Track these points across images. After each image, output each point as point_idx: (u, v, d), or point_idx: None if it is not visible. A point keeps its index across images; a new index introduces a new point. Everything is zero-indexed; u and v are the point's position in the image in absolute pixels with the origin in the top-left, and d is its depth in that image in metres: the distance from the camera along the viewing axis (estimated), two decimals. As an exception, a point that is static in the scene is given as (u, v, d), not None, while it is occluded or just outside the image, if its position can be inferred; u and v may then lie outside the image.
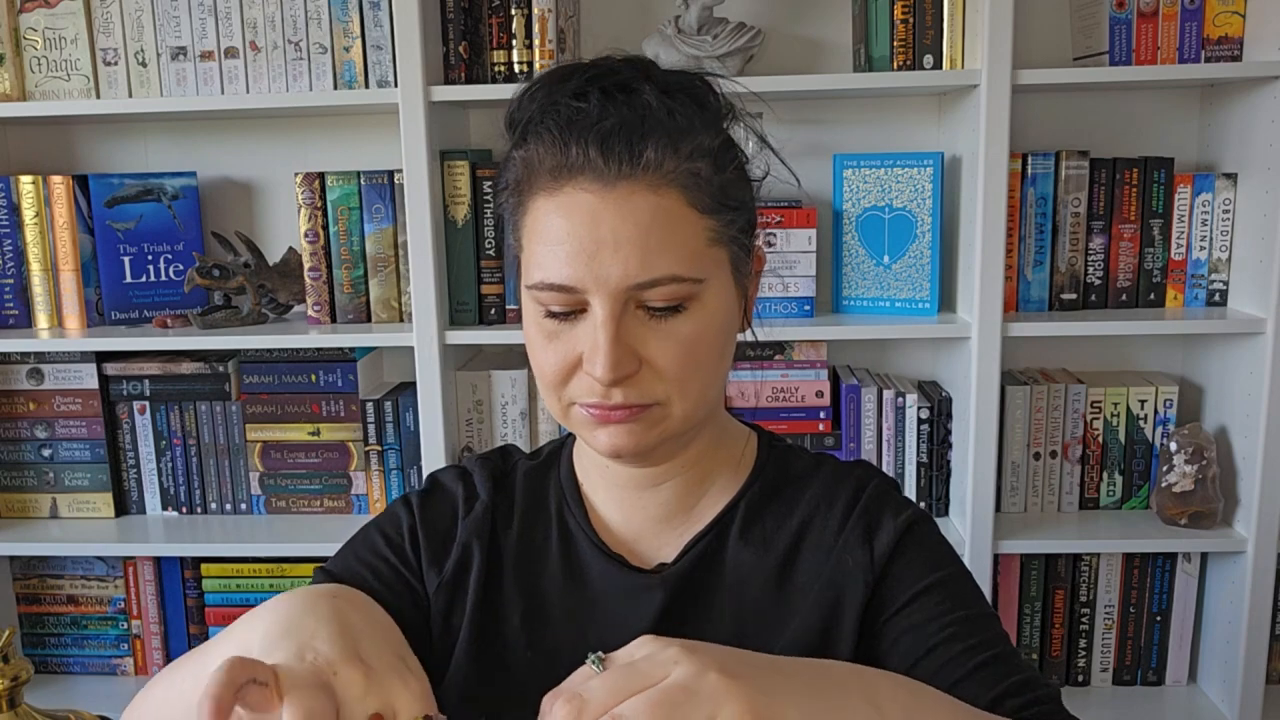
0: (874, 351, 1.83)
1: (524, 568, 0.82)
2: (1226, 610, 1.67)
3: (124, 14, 1.64)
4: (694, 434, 0.78)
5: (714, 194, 0.71)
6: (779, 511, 0.81)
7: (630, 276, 0.68)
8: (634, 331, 0.70)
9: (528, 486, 0.86)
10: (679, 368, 0.70)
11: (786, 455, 0.85)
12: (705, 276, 0.71)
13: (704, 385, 0.73)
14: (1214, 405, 1.71)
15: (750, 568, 0.79)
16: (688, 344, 0.71)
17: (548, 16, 1.57)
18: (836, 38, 1.74)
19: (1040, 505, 1.73)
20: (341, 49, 1.62)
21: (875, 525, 0.79)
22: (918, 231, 1.63)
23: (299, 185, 1.67)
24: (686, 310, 0.71)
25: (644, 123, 0.70)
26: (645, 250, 0.68)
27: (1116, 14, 1.55)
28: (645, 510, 0.81)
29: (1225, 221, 1.63)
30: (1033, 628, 1.74)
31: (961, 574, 0.80)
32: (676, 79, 0.74)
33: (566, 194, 0.70)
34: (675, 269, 0.69)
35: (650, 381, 0.71)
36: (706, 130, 0.73)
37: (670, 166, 0.69)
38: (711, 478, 0.82)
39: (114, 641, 1.87)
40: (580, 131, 0.69)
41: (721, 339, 0.74)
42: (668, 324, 0.70)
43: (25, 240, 1.70)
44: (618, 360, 0.69)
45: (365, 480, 1.76)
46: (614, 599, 0.79)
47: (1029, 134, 1.71)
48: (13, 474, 1.80)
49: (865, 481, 0.82)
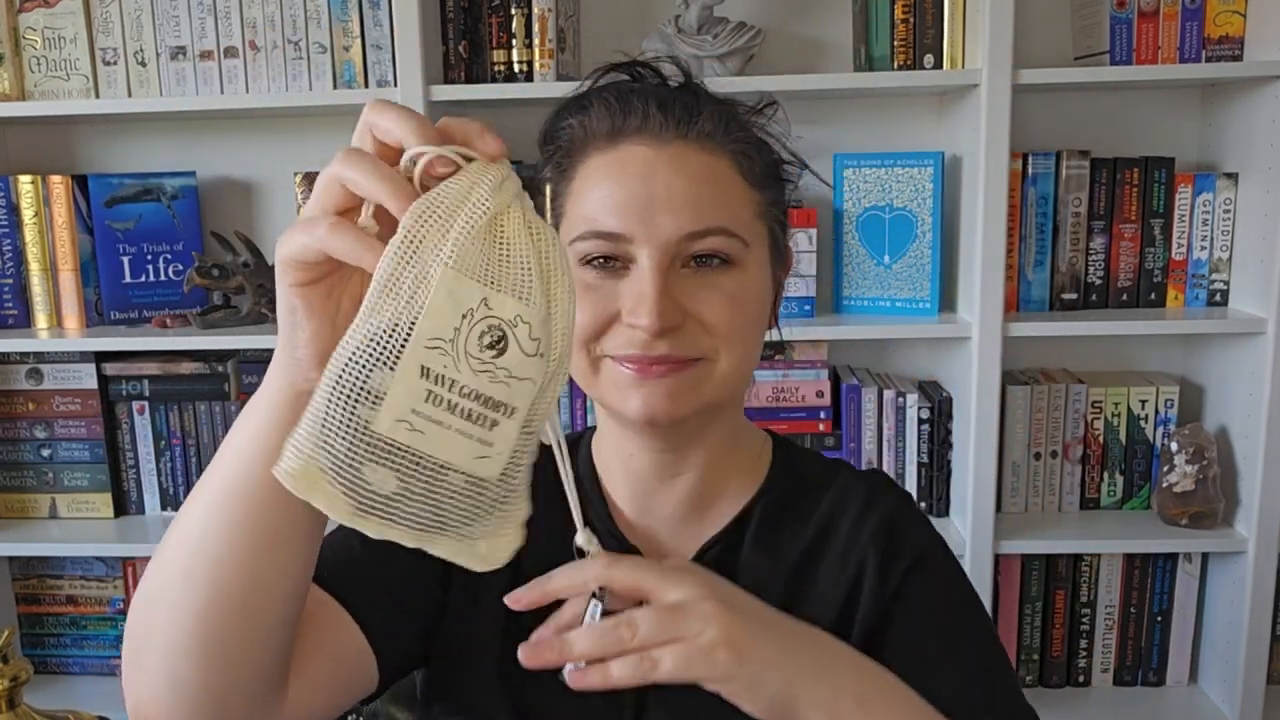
0: (874, 351, 1.82)
1: (542, 559, 0.80)
2: (1227, 610, 1.66)
3: (123, 14, 1.64)
4: (708, 422, 0.78)
5: (762, 169, 0.75)
6: (793, 519, 0.81)
7: (682, 227, 0.70)
8: (681, 285, 0.71)
9: (545, 477, 0.85)
10: (726, 320, 0.72)
11: (801, 460, 0.86)
12: (750, 242, 0.73)
13: (746, 349, 0.74)
14: (1215, 405, 1.71)
15: (763, 575, 0.79)
16: (733, 298, 0.72)
17: (548, 16, 1.57)
18: (837, 37, 1.74)
19: (1041, 505, 1.72)
20: (341, 48, 1.61)
21: (893, 550, 0.78)
22: (918, 231, 1.63)
23: (298, 185, 1.67)
24: (730, 271, 0.72)
25: (699, 98, 0.75)
26: (698, 202, 0.71)
27: (1117, 13, 1.55)
28: (663, 506, 0.81)
29: (1226, 221, 1.63)
30: (1033, 628, 1.74)
31: (970, 610, 0.80)
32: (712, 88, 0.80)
33: (621, 149, 0.73)
34: (726, 222, 0.71)
35: (695, 334, 0.72)
36: (741, 115, 0.77)
37: (722, 136, 0.74)
38: (727, 478, 0.82)
39: (113, 642, 1.87)
40: (640, 95, 0.74)
41: (760, 311, 0.75)
42: (713, 279, 0.72)
43: (24, 240, 1.70)
44: (664, 308, 0.69)
45: (365, 480, 1.75)
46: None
47: (1029, 134, 1.71)
48: (12, 474, 1.79)
49: (882, 497, 0.82)
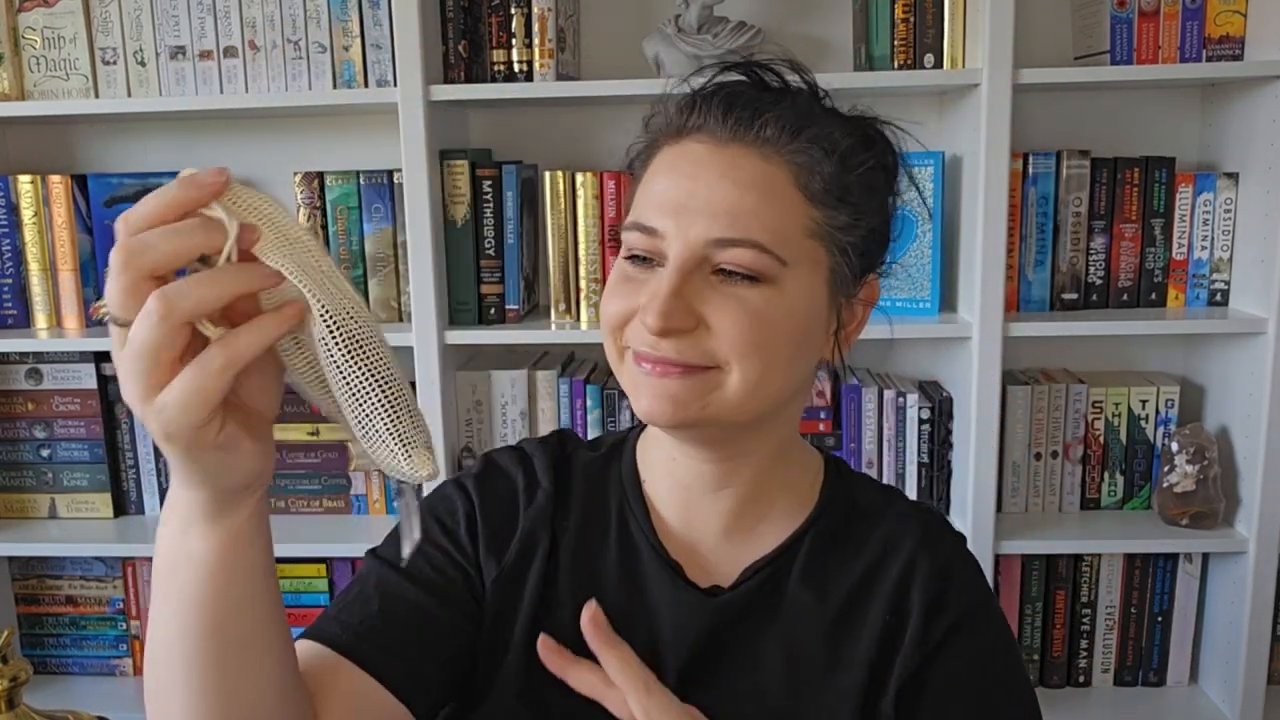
0: (874, 351, 1.82)
1: (581, 564, 0.80)
2: (1228, 611, 1.66)
3: (123, 13, 1.64)
4: (752, 437, 0.76)
5: (826, 186, 0.71)
6: (844, 552, 0.79)
7: (712, 231, 0.68)
8: (700, 291, 0.69)
9: (587, 479, 0.84)
10: (738, 333, 0.68)
11: (853, 487, 0.83)
12: (791, 261, 0.69)
13: (767, 369, 0.70)
14: (1215, 405, 1.71)
15: (808, 609, 0.77)
16: (752, 314, 0.68)
17: (548, 16, 1.57)
18: (837, 37, 1.74)
19: (1041, 505, 1.72)
20: (341, 48, 1.61)
21: (941, 601, 0.77)
22: (918, 231, 1.63)
23: (298, 185, 1.67)
24: (759, 287, 0.69)
25: (774, 99, 0.72)
26: (736, 211, 0.68)
27: (1117, 13, 1.55)
28: (705, 519, 0.79)
29: (1226, 221, 1.63)
30: (1034, 628, 1.74)
31: (1011, 677, 0.79)
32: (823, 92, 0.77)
33: (683, 145, 0.72)
34: (761, 237, 0.68)
35: (707, 341, 0.69)
36: (839, 128, 0.73)
37: (786, 144, 0.70)
38: (773, 498, 0.80)
39: (113, 642, 1.87)
40: (713, 92, 0.73)
41: (795, 334, 0.71)
42: (737, 291, 0.69)
43: (24, 240, 1.70)
44: (670, 309, 0.67)
45: (364, 481, 1.75)
46: (666, 609, 0.78)
47: (1030, 133, 1.71)
48: (11, 474, 1.79)
49: (938, 541, 0.80)
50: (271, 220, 0.52)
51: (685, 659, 0.77)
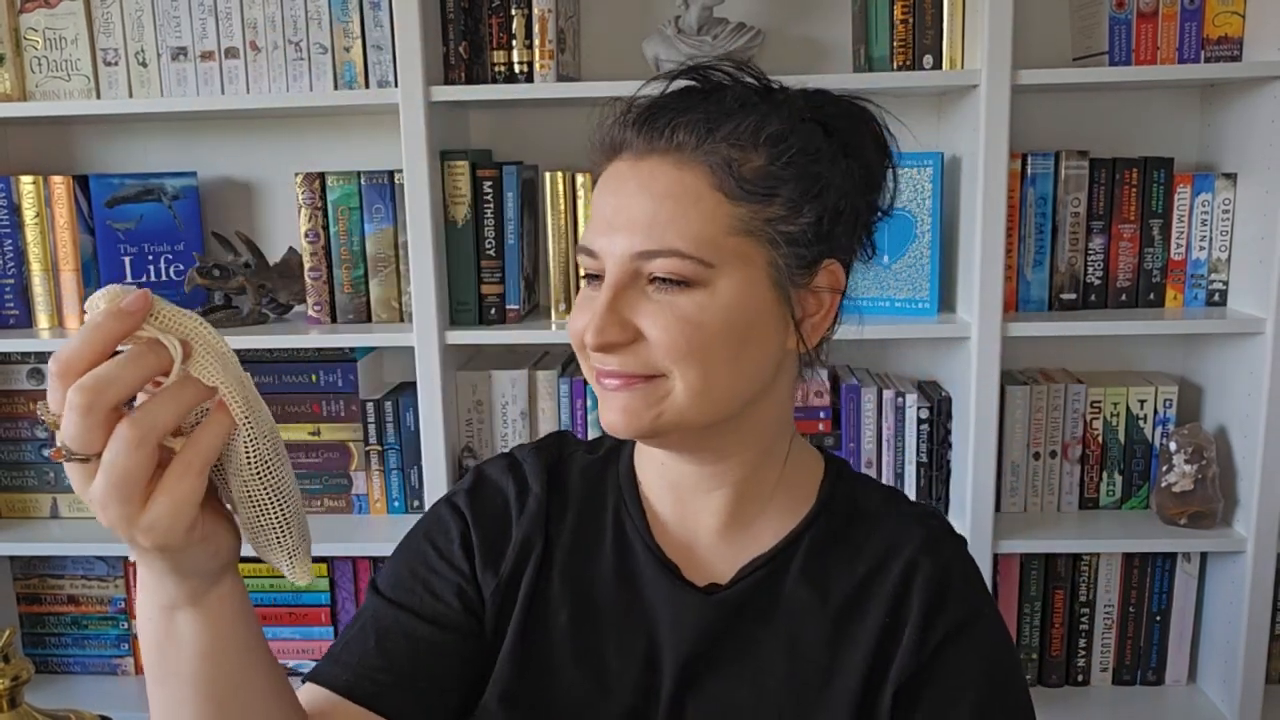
0: (874, 351, 1.83)
1: (576, 566, 0.80)
2: (1226, 610, 1.67)
3: (124, 14, 1.64)
4: (730, 437, 0.76)
5: (749, 181, 0.70)
6: (844, 552, 0.79)
7: (634, 245, 0.70)
8: (635, 303, 0.70)
9: (584, 481, 0.84)
10: (669, 339, 0.69)
11: (855, 488, 0.83)
12: (716, 262, 0.69)
13: (707, 371, 0.70)
14: (1214, 405, 1.71)
15: (806, 608, 0.78)
16: (685, 321, 0.69)
17: (548, 16, 1.57)
18: (836, 38, 1.74)
19: (1040, 505, 1.73)
20: (341, 49, 1.62)
21: (940, 606, 0.77)
22: (917, 231, 1.63)
23: (299, 185, 1.67)
24: (690, 292, 0.70)
25: (691, 104, 0.72)
26: (653, 222, 0.69)
27: (1116, 14, 1.55)
28: (700, 518, 0.80)
29: (1225, 221, 1.63)
30: (1032, 627, 1.74)
31: (1009, 687, 0.78)
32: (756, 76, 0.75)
33: (612, 165, 0.75)
34: (678, 244, 0.69)
35: (647, 352, 0.70)
36: (774, 117, 0.71)
37: (702, 146, 0.70)
38: (769, 496, 0.80)
39: (114, 641, 1.87)
40: (632, 111, 0.74)
41: (733, 334, 0.71)
42: (670, 299, 0.70)
43: (26, 240, 1.70)
44: (603, 325, 0.70)
45: (365, 480, 1.76)
46: (664, 608, 0.78)
47: (1029, 134, 1.71)
48: (13, 474, 1.80)
49: (940, 545, 0.80)
50: (197, 334, 0.56)
51: (684, 657, 0.77)
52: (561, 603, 0.79)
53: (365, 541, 1.68)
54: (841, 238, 0.75)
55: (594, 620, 0.79)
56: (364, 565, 1.78)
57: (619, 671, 0.77)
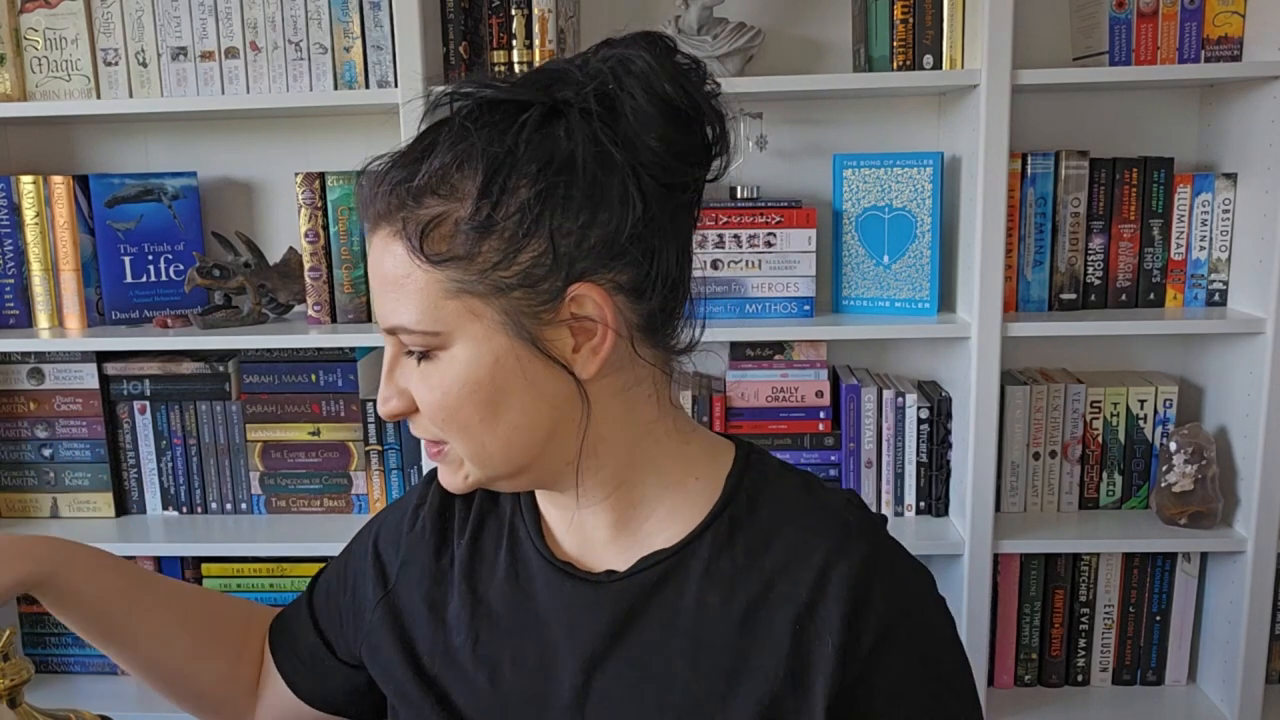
0: (874, 351, 1.83)
1: (472, 575, 0.80)
2: (1226, 610, 1.67)
3: (124, 14, 1.65)
4: (569, 472, 0.73)
5: (439, 246, 0.65)
6: (750, 551, 0.73)
7: (383, 320, 0.70)
8: (408, 374, 0.71)
9: (486, 493, 0.83)
10: (432, 413, 0.70)
11: (765, 480, 0.76)
12: (445, 329, 0.67)
13: (469, 434, 0.70)
14: (1214, 405, 1.71)
15: (709, 608, 0.72)
16: (438, 391, 0.69)
17: (548, 16, 1.57)
18: (836, 38, 1.74)
19: (1040, 505, 1.73)
20: (342, 49, 1.62)
21: (861, 605, 0.69)
22: (917, 231, 1.63)
23: (299, 185, 1.67)
24: (433, 361, 0.69)
25: (395, 164, 0.68)
26: (383, 300, 0.69)
27: (1116, 14, 1.55)
28: (591, 528, 0.77)
29: (1225, 221, 1.63)
30: (1032, 627, 1.74)
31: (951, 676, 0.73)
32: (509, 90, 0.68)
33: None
34: (403, 320, 0.68)
35: (423, 421, 0.72)
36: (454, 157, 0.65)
37: (396, 214, 0.67)
38: (658, 499, 0.75)
39: (114, 641, 1.87)
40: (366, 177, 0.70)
41: (481, 393, 0.68)
42: (422, 370, 0.70)
43: (26, 240, 1.71)
44: (386, 396, 0.71)
45: (365, 480, 1.76)
46: (559, 610, 0.76)
47: (1029, 134, 1.71)
48: (13, 474, 1.80)
49: (853, 535, 0.72)
50: None
51: (586, 651, 0.74)
52: (461, 613, 0.79)
53: (365, 541, 1.68)
54: (586, 259, 0.66)
55: (492, 627, 0.78)
56: (364, 565, 1.78)
57: (516, 681, 0.76)
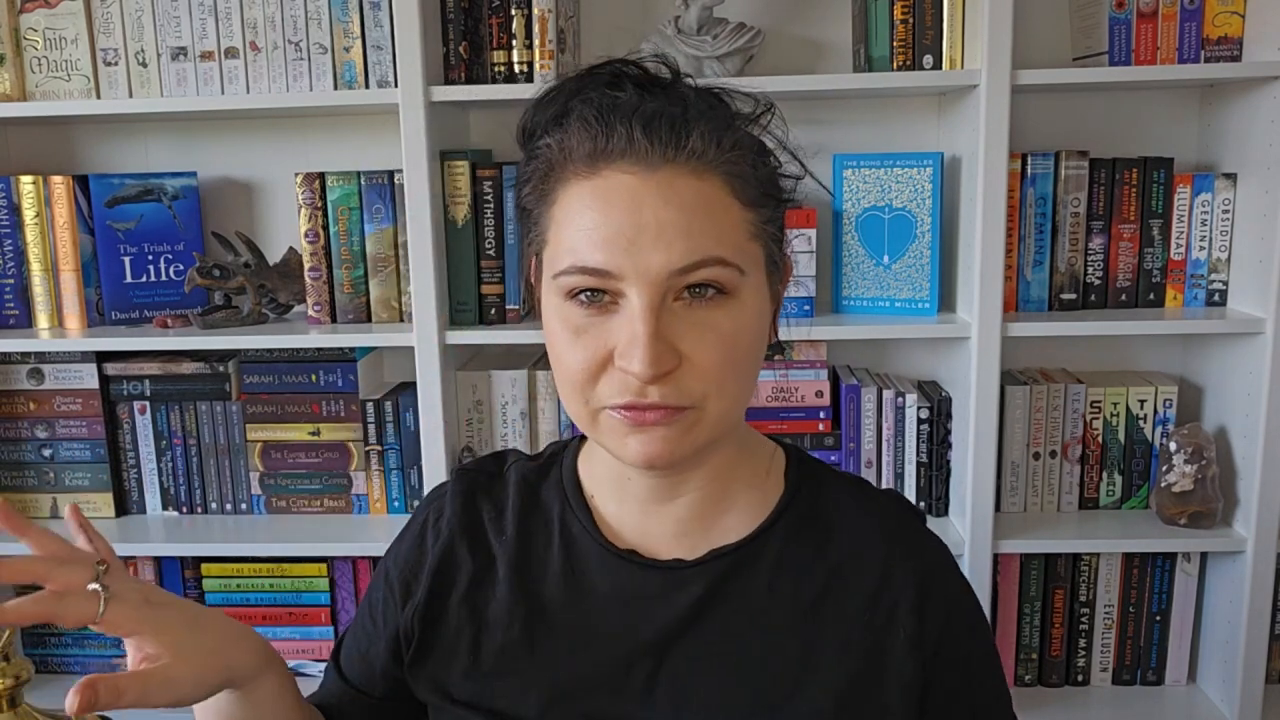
0: (874, 351, 1.83)
1: (522, 573, 0.80)
2: (1226, 610, 1.67)
3: (124, 14, 1.64)
4: (721, 443, 0.75)
5: (756, 187, 0.70)
6: (814, 545, 0.78)
7: (673, 262, 0.66)
8: (672, 326, 0.67)
9: (524, 490, 0.83)
10: (719, 363, 0.67)
11: (819, 478, 0.82)
12: (746, 269, 0.69)
13: (740, 387, 0.70)
14: (1213, 405, 1.71)
15: (779, 598, 0.76)
16: (727, 339, 0.68)
17: (548, 16, 1.57)
18: (836, 38, 1.74)
19: (1040, 505, 1.73)
20: (341, 49, 1.62)
21: (926, 596, 0.76)
22: (917, 231, 1.63)
23: (299, 185, 1.67)
24: (725, 304, 0.68)
25: (686, 111, 0.69)
26: (689, 233, 0.66)
27: (1116, 14, 1.55)
28: (659, 525, 0.78)
29: (1225, 221, 1.63)
30: (1032, 627, 1.74)
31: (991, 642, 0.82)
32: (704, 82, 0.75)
33: (605, 177, 0.68)
34: (720, 251, 0.67)
35: (688, 379, 0.67)
36: (744, 128, 0.73)
37: (714, 155, 0.68)
38: (733, 494, 0.78)
39: (114, 641, 1.87)
40: (623, 115, 0.68)
41: (758, 341, 0.71)
42: (707, 316, 0.67)
43: (26, 240, 1.70)
44: (658, 355, 0.65)
45: (365, 480, 1.76)
46: (624, 599, 0.77)
47: (1029, 134, 1.71)
48: (13, 474, 1.80)
49: (910, 529, 0.80)
50: None
51: (656, 637, 0.75)
52: (514, 613, 0.78)
53: (365, 541, 1.68)
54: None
55: (548, 625, 0.78)
56: (364, 565, 1.78)
57: (579, 672, 0.76)
